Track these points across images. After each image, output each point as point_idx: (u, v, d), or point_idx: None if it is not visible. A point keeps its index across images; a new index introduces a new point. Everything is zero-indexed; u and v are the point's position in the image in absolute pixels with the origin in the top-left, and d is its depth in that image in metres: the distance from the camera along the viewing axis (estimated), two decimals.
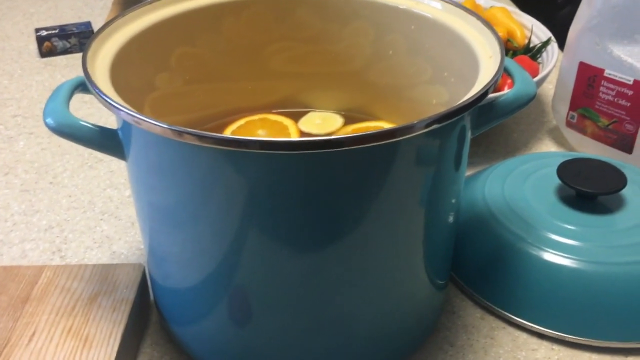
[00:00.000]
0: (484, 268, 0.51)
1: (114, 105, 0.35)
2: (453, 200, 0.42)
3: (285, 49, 0.52)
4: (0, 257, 0.55)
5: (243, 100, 0.55)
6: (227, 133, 0.54)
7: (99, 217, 0.59)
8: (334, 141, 0.32)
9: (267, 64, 0.53)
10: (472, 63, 0.42)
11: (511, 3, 1.01)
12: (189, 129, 0.33)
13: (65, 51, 0.88)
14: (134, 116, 0.34)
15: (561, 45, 0.70)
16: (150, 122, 0.33)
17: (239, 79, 0.54)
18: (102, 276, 0.47)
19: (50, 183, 0.64)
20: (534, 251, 0.49)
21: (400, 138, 0.34)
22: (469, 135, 0.40)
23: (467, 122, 0.39)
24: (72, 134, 0.40)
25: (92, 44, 0.41)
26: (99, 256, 0.55)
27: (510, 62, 0.43)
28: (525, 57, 0.71)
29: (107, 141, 0.40)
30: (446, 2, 0.45)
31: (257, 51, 0.52)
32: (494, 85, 0.37)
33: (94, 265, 0.48)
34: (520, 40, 0.74)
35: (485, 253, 0.51)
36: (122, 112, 0.35)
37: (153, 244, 0.43)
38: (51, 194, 0.62)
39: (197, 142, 0.33)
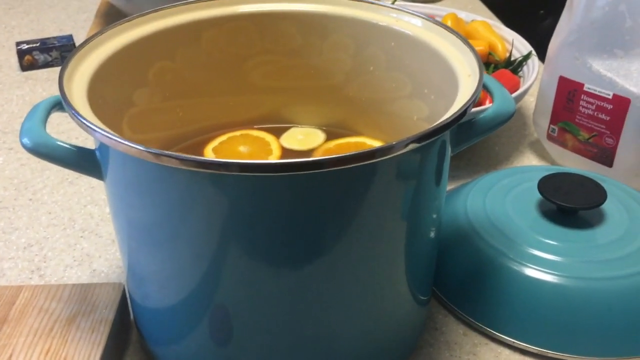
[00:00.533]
0: (466, 283, 0.51)
1: (90, 127, 0.35)
2: (434, 216, 0.42)
3: (266, 63, 0.52)
4: None
5: (224, 116, 0.55)
6: (209, 149, 0.53)
7: (79, 234, 0.59)
8: (313, 163, 0.32)
9: (248, 78, 0.53)
10: (451, 81, 0.42)
11: (493, 16, 1.02)
12: (167, 152, 0.33)
13: (46, 65, 0.88)
14: (111, 138, 0.34)
15: (543, 58, 0.71)
16: (128, 145, 0.33)
17: (219, 94, 0.54)
18: (81, 296, 0.47)
19: (30, 200, 0.63)
20: (516, 266, 0.49)
21: (381, 159, 0.34)
22: (449, 152, 0.40)
23: (447, 139, 0.39)
24: (49, 154, 0.39)
25: (70, 62, 0.41)
26: (79, 274, 0.54)
27: (489, 80, 0.43)
28: (506, 71, 0.71)
29: (84, 161, 0.40)
30: (426, 19, 0.45)
31: (237, 65, 0.52)
32: (473, 104, 0.37)
33: (73, 285, 0.48)
34: (501, 53, 0.75)
35: (467, 268, 0.51)
36: (97, 134, 0.34)
37: (132, 264, 0.43)
38: (30, 211, 0.62)
39: (176, 165, 0.33)
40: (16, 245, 0.58)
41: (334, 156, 0.32)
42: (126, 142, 0.33)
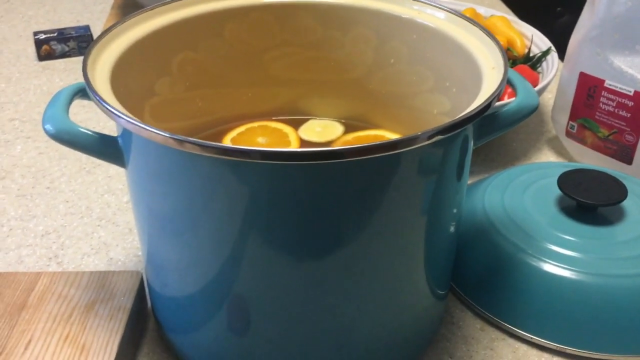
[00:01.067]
0: (483, 278, 0.51)
1: (115, 113, 0.35)
2: (455, 210, 0.42)
3: (287, 55, 0.52)
4: None
5: (243, 107, 0.55)
6: (227, 140, 0.53)
7: (97, 223, 0.59)
8: (336, 152, 0.32)
9: (268, 70, 0.53)
10: (474, 74, 0.42)
11: (510, 12, 1.01)
12: (191, 138, 0.33)
13: (63, 55, 0.88)
14: (135, 124, 0.34)
15: (560, 54, 0.70)
16: (152, 131, 0.33)
17: (239, 85, 0.53)
18: (100, 283, 0.47)
19: (47, 188, 0.63)
20: (534, 262, 0.49)
21: (403, 150, 0.33)
22: (471, 146, 0.40)
23: (470, 133, 0.39)
24: (72, 140, 0.39)
25: (93, 49, 0.41)
26: (96, 263, 0.55)
27: (512, 73, 0.43)
28: (525, 67, 0.71)
29: (106, 148, 0.40)
30: (450, 12, 0.45)
31: (258, 57, 0.52)
32: (498, 97, 0.36)
33: (91, 272, 0.48)
34: (520, 49, 0.74)
35: (485, 263, 0.51)
36: (123, 120, 0.34)
37: (151, 252, 0.43)
38: (48, 199, 0.62)
39: (198, 152, 0.33)
40: (34, 232, 0.58)
41: (356, 146, 0.32)
42: (151, 129, 0.33)
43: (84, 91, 0.42)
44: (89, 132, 0.40)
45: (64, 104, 0.41)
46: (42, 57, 0.87)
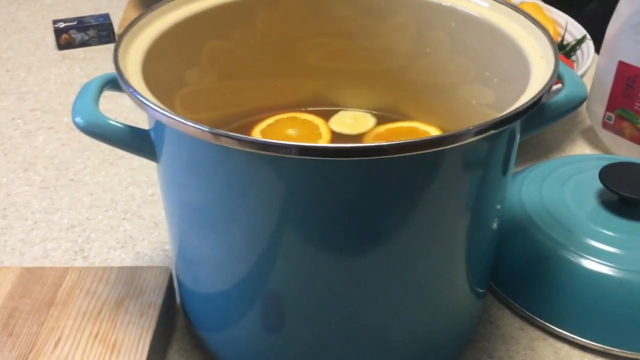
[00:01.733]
0: (522, 276, 0.49)
1: (150, 107, 0.33)
2: (498, 207, 0.40)
3: (321, 45, 0.50)
4: (22, 256, 0.54)
5: (272, 98, 0.53)
6: (256, 131, 0.52)
7: (122, 216, 0.58)
8: (379, 148, 0.31)
9: (301, 60, 0.51)
10: (521, 64, 0.40)
11: None
12: (229, 132, 0.31)
13: (83, 44, 0.87)
14: (172, 118, 0.32)
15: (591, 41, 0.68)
16: (190, 125, 0.32)
17: (270, 75, 0.52)
18: (128, 279, 0.46)
19: (71, 180, 0.62)
20: (575, 258, 0.47)
21: (450, 146, 0.32)
22: (517, 139, 0.38)
23: (518, 127, 0.37)
24: (102, 134, 0.38)
25: (123, 39, 0.39)
26: (123, 257, 0.54)
27: (559, 64, 0.41)
28: (560, 56, 0.68)
29: (138, 142, 0.38)
30: (493, 0, 0.43)
31: (291, 46, 0.50)
32: (549, 90, 0.35)
33: (120, 268, 0.47)
34: (553, 37, 0.72)
35: (524, 260, 0.49)
36: (158, 114, 0.33)
37: (183, 247, 0.41)
38: (72, 192, 0.61)
39: (235, 146, 0.32)
40: (59, 225, 0.57)
41: (401, 142, 0.31)
42: (188, 122, 0.32)
43: (113, 82, 0.40)
44: (120, 125, 0.38)
45: (93, 95, 0.39)
46: (61, 45, 0.86)
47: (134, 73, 0.38)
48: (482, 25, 0.43)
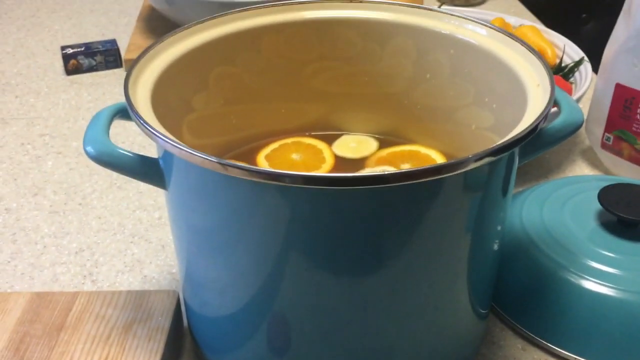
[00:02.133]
0: (523, 296, 0.50)
1: (160, 138, 0.34)
2: (499, 228, 0.41)
3: (325, 70, 0.52)
4: (31, 280, 0.55)
5: (276, 123, 0.55)
6: (261, 156, 0.53)
7: (129, 239, 0.59)
8: (380, 177, 0.32)
9: (305, 85, 0.53)
10: (518, 90, 0.41)
11: (536, 20, 1.00)
12: (236, 163, 0.32)
13: (90, 69, 0.89)
14: (180, 149, 0.33)
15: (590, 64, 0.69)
16: (199, 156, 0.33)
17: (273, 100, 0.53)
18: (137, 303, 0.47)
19: (80, 204, 0.63)
20: (575, 279, 0.48)
21: (451, 174, 0.33)
22: (516, 164, 0.39)
23: (516, 152, 0.38)
24: (112, 162, 0.39)
25: (133, 70, 0.41)
26: (130, 280, 0.54)
27: (555, 89, 0.42)
28: (558, 77, 0.70)
29: (147, 170, 0.40)
30: (491, 27, 0.44)
31: (295, 71, 0.51)
32: (546, 117, 0.36)
33: (128, 292, 0.48)
34: (551, 59, 0.73)
35: (525, 281, 0.50)
36: (168, 144, 0.34)
37: (191, 271, 0.42)
38: (80, 216, 0.62)
39: (243, 176, 0.33)
40: (68, 250, 0.58)
41: (402, 171, 0.32)
42: (197, 153, 0.33)
43: (123, 112, 0.42)
44: (130, 154, 0.39)
45: (104, 125, 0.40)
46: (69, 71, 0.88)
47: (143, 103, 0.39)
48: (480, 52, 0.44)
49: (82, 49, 0.89)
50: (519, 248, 0.51)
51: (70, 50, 0.88)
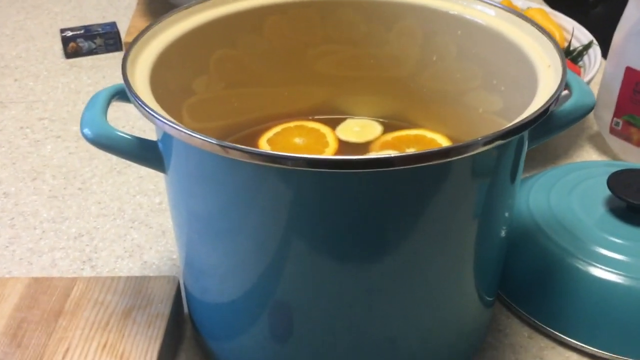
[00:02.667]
0: (530, 283, 0.49)
1: (158, 119, 0.33)
2: (507, 214, 0.40)
3: (328, 53, 0.50)
4: (30, 266, 0.54)
5: (279, 106, 0.54)
6: (264, 140, 0.52)
7: (129, 224, 0.58)
8: (386, 160, 0.31)
9: (308, 68, 0.52)
10: (528, 72, 0.40)
11: (545, 3, 0.98)
12: (237, 145, 0.31)
13: (90, 52, 0.87)
14: (180, 130, 0.32)
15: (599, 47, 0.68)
16: (199, 138, 0.32)
17: (277, 83, 0.52)
18: (136, 289, 0.46)
19: (79, 189, 0.63)
20: (583, 266, 0.47)
21: (458, 157, 0.32)
22: (525, 148, 0.38)
23: (526, 136, 0.37)
24: (110, 145, 0.38)
25: (131, 50, 0.39)
26: (130, 266, 0.54)
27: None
28: (566, 61, 0.68)
29: (146, 153, 0.39)
30: (500, 8, 0.43)
31: (298, 54, 0.50)
32: (557, 99, 0.34)
33: (127, 278, 0.47)
34: (559, 43, 0.72)
35: (532, 268, 0.49)
36: (167, 126, 0.33)
37: (191, 257, 0.41)
38: (80, 201, 0.61)
39: (244, 158, 0.32)
40: (67, 235, 0.57)
41: (408, 154, 0.31)
42: (197, 135, 0.32)
43: (122, 93, 0.41)
44: (128, 137, 0.38)
45: (102, 106, 0.39)
46: (69, 54, 0.87)
47: (141, 84, 0.38)
48: (489, 33, 0.43)
49: (82, 31, 0.87)
50: (526, 235, 0.50)
51: (69, 33, 0.87)
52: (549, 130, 0.39)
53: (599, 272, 0.46)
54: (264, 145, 0.51)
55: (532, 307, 0.48)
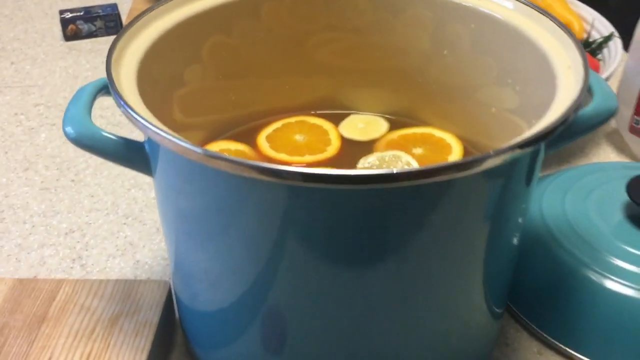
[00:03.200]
0: (541, 296, 0.46)
1: (141, 123, 0.31)
2: (519, 220, 0.37)
3: (330, 41, 0.47)
4: (18, 263, 0.52)
5: (279, 100, 0.51)
6: (262, 137, 0.49)
7: (123, 220, 0.56)
8: (390, 176, 0.28)
9: (309, 58, 0.48)
10: (545, 72, 0.37)
11: None
12: (224, 155, 0.29)
13: (90, 35, 0.84)
14: (165, 138, 0.30)
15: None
16: (183, 145, 0.29)
17: (276, 74, 0.49)
18: (125, 294, 0.44)
19: (72, 181, 0.60)
20: (598, 279, 0.44)
21: (469, 172, 0.29)
22: (542, 156, 0.35)
23: (542, 146, 0.34)
24: (93, 146, 0.36)
25: (118, 44, 0.37)
26: (122, 265, 0.51)
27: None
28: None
29: (132, 155, 0.36)
30: (518, 1, 0.40)
31: (298, 43, 0.47)
32: (579, 107, 0.31)
33: (116, 281, 0.45)
34: (578, 34, 0.68)
35: (543, 279, 0.46)
36: (150, 131, 0.30)
37: (180, 261, 0.39)
38: (72, 194, 0.59)
39: (231, 170, 0.29)
40: (57, 230, 0.55)
41: (417, 169, 0.28)
42: (181, 142, 0.29)
43: (107, 88, 0.38)
44: (113, 137, 0.36)
45: (86, 103, 0.37)
46: (68, 37, 0.84)
47: (127, 80, 0.35)
48: (506, 29, 0.40)
49: (82, 13, 0.84)
50: (538, 242, 0.47)
51: (69, 15, 0.84)
52: (567, 136, 0.36)
53: (615, 285, 0.44)
54: (262, 142, 0.49)
55: (542, 321, 0.46)
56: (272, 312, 0.36)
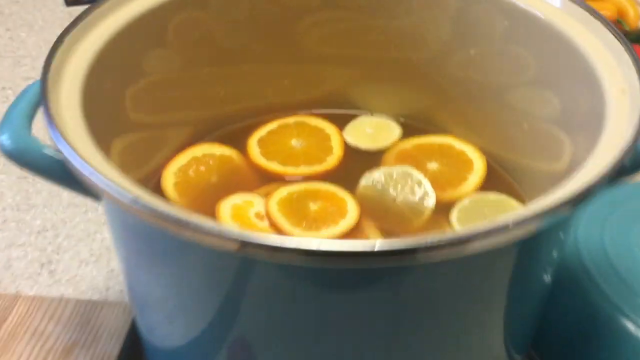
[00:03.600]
0: (569, 344, 0.40)
1: (71, 156, 0.24)
2: (555, 255, 0.30)
3: (330, 22, 0.40)
4: None
5: (274, 95, 0.44)
6: (254, 140, 0.42)
7: (102, 219, 0.50)
8: (408, 250, 0.21)
9: (303, 44, 0.41)
10: (593, 92, 0.29)
11: None
12: (169, 212, 0.22)
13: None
14: (94, 179, 0.23)
15: None
16: (114, 194, 0.23)
17: (266, 60, 0.41)
18: (84, 319, 0.38)
19: None
20: (636, 330, 0.37)
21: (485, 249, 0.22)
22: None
23: None
24: (31, 164, 0.29)
25: (57, 52, 0.30)
26: (94, 274, 0.46)
27: None
28: (638, 47, 0.56)
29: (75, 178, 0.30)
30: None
31: (290, 24, 0.40)
32: (633, 152, 0.24)
33: (76, 302, 0.39)
34: (633, 21, 0.59)
35: (574, 324, 0.40)
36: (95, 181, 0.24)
37: (133, 286, 0.33)
38: (50, 185, 0.53)
39: (182, 234, 0.23)
40: (30, 227, 0.50)
41: (439, 240, 0.21)
42: (113, 188, 0.23)
43: None
44: (56, 157, 0.29)
45: (27, 109, 0.30)
46: (69, 2, 0.78)
47: (72, 88, 0.29)
48: (547, 32, 0.32)
49: None
50: (570, 280, 0.40)
51: None
52: (618, 177, 0.29)
53: None
54: (253, 147, 0.42)
55: None
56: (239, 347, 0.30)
